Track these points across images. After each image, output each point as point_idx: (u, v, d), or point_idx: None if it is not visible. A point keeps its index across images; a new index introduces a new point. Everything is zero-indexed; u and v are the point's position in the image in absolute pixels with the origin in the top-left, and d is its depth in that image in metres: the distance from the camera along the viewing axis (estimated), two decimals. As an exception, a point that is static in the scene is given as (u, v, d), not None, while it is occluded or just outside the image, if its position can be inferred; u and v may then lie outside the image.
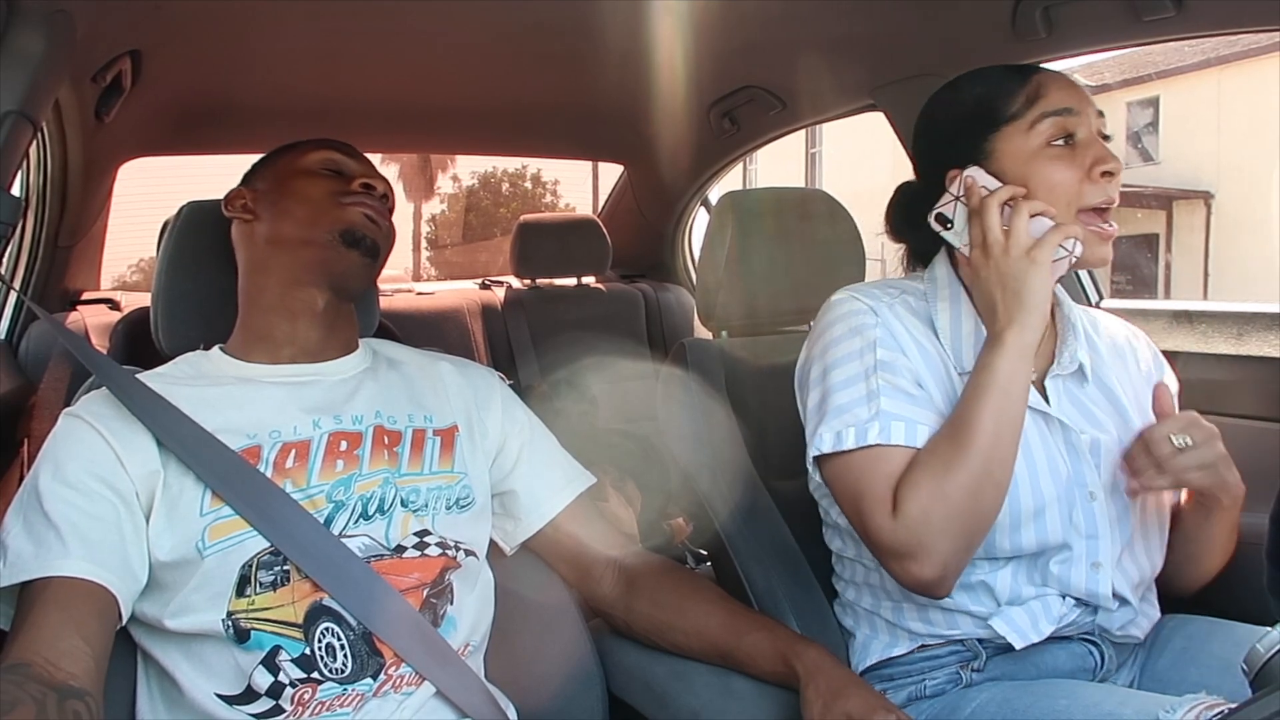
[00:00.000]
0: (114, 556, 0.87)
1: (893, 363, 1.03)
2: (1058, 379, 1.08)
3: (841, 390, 1.03)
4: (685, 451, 1.31)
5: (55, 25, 1.09)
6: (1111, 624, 1.08)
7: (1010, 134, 1.02)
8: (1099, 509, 1.05)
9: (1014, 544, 1.02)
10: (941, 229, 1.04)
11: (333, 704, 0.89)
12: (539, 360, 2.63)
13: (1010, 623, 1.03)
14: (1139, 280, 14.56)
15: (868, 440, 0.99)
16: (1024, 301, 0.95)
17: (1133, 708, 0.92)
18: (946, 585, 0.98)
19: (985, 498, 0.95)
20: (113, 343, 1.82)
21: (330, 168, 1.08)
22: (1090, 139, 1.01)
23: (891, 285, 1.12)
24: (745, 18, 1.57)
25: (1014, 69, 1.06)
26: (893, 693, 1.11)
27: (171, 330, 1.11)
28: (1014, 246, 0.96)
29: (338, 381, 1.04)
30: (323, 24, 1.56)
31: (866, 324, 1.05)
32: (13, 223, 1.05)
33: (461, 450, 1.06)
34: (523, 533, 1.11)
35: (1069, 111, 1.01)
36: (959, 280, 1.08)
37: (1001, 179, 1.01)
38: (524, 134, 2.53)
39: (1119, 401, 1.11)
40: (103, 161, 2.00)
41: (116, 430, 0.92)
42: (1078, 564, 1.04)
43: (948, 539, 0.94)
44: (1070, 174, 1.00)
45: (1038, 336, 0.97)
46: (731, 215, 1.42)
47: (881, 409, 0.99)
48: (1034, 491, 1.02)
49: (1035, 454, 1.03)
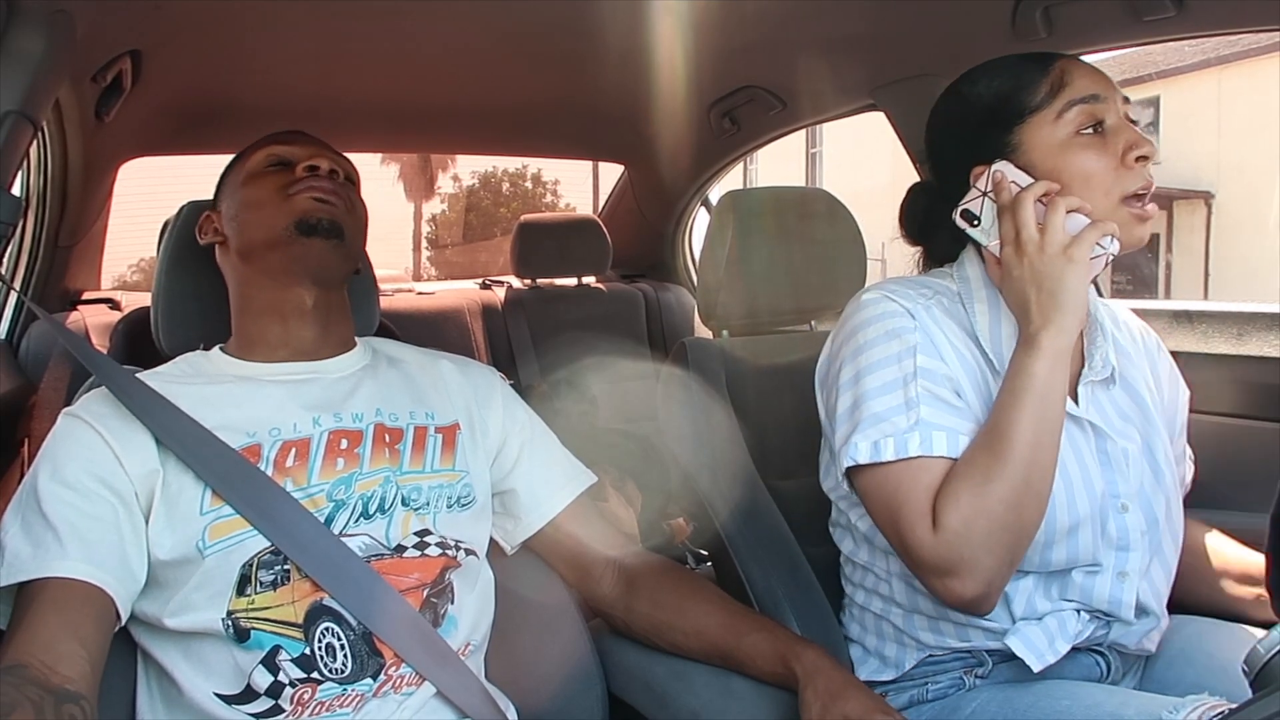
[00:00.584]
0: (112, 557, 0.87)
1: (933, 370, 0.98)
2: (1089, 384, 1.03)
3: (878, 397, 0.97)
4: (685, 451, 1.31)
5: (55, 25, 1.09)
6: (1129, 639, 1.05)
7: (1037, 125, 0.98)
8: (1131, 520, 1.01)
9: (1043, 560, 0.98)
10: (969, 226, 1.00)
11: (332, 704, 0.89)
12: (539, 360, 2.63)
13: (1027, 642, 0.99)
14: (1139, 280, 14.55)
15: (909, 452, 0.94)
16: (1060, 302, 0.91)
17: (1135, 708, 0.92)
18: (990, 602, 0.93)
19: (1027, 509, 0.90)
20: (113, 343, 1.82)
21: (274, 163, 1.05)
22: (1120, 124, 0.98)
23: (924, 285, 1.06)
24: (745, 18, 1.57)
25: (1032, 58, 1.02)
26: (894, 695, 1.10)
27: (171, 330, 1.11)
28: (1049, 244, 0.92)
29: (337, 379, 1.04)
30: (323, 24, 1.56)
31: (904, 327, 1.00)
32: (13, 223, 1.05)
33: (463, 448, 1.05)
34: (523, 532, 1.11)
35: (1096, 98, 0.97)
36: (991, 281, 1.04)
37: (1031, 173, 0.97)
38: (524, 134, 2.53)
39: (1144, 403, 1.07)
40: (103, 161, 2.00)
41: (115, 430, 0.92)
42: (1105, 574, 1.00)
43: (990, 554, 0.89)
44: (1105, 162, 0.96)
45: (1074, 339, 0.93)
46: (732, 215, 1.42)
47: (922, 418, 0.95)
48: (1070, 507, 0.97)
49: (1070, 468, 0.98)
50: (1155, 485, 1.04)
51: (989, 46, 1.47)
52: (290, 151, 1.06)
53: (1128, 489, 1.01)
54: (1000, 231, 0.97)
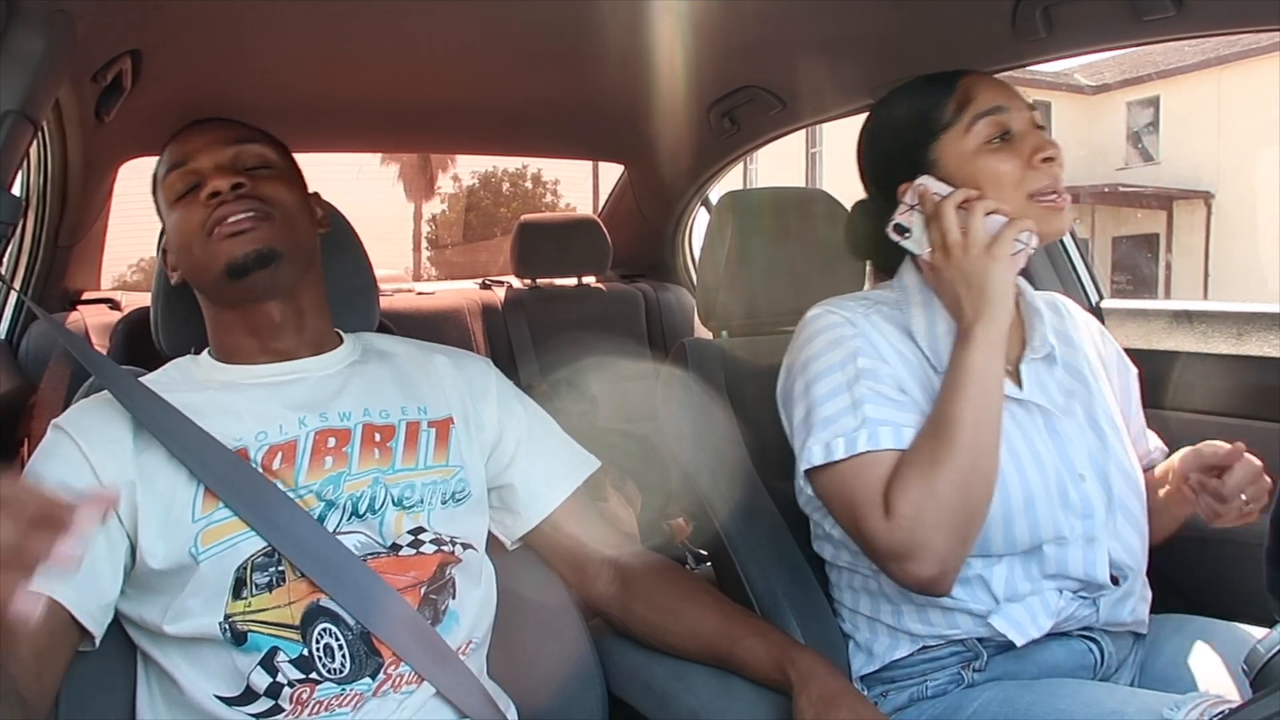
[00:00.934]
0: (77, 575, 0.87)
1: (874, 370, 1.05)
2: (1032, 363, 1.11)
3: (827, 402, 1.05)
4: (685, 451, 1.31)
5: (55, 25, 1.09)
6: (1118, 613, 1.08)
7: (949, 140, 1.07)
8: (1090, 488, 1.07)
9: (1007, 539, 1.03)
10: (900, 239, 1.08)
11: (331, 704, 0.89)
12: (539, 360, 2.62)
13: (1009, 619, 1.04)
14: (1139, 280, 14.57)
15: (857, 448, 1.01)
16: (988, 296, 0.99)
17: (1135, 706, 0.92)
18: (947, 582, 0.99)
19: (975, 490, 0.97)
20: (113, 343, 1.82)
21: (186, 185, 1.00)
22: (1026, 130, 1.06)
23: (864, 297, 1.16)
24: (745, 18, 1.57)
25: (939, 78, 1.11)
26: (895, 694, 1.11)
27: (171, 330, 1.11)
28: (973, 245, 1.00)
29: (322, 377, 1.03)
30: (323, 24, 1.56)
31: (845, 335, 1.08)
32: (13, 223, 1.05)
33: (458, 442, 1.05)
34: (522, 527, 1.10)
35: (1000, 109, 1.05)
36: (928, 286, 1.11)
37: (950, 183, 1.05)
38: (524, 134, 2.52)
39: (1085, 379, 1.14)
40: (103, 161, 2.00)
41: (95, 443, 0.92)
42: (1074, 543, 1.05)
43: (942, 535, 0.96)
44: (1013, 164, 1.04)
45: (1005, 328, 1.00)
46: (731, 215, 1.42)
47: (867, 416, 1.02)
48: (1022, 483, 1.03)
49: (1017, 445, 1.05)
50: (1104, 451, 1.10)
51: (989, 47, 1.48)
52: (195, 162, 1.01)
53: (1081, 459, 1.08)
54: (929, 239, 1.05)
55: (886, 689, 1.12)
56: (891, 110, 1.14)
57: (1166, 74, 13.68)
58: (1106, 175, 14.92)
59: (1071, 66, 14.90)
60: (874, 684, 1.14)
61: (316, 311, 1.06)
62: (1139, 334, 1.61)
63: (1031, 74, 12.96)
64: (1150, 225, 14.54)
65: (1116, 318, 1.66)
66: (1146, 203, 14.43)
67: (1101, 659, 1.09)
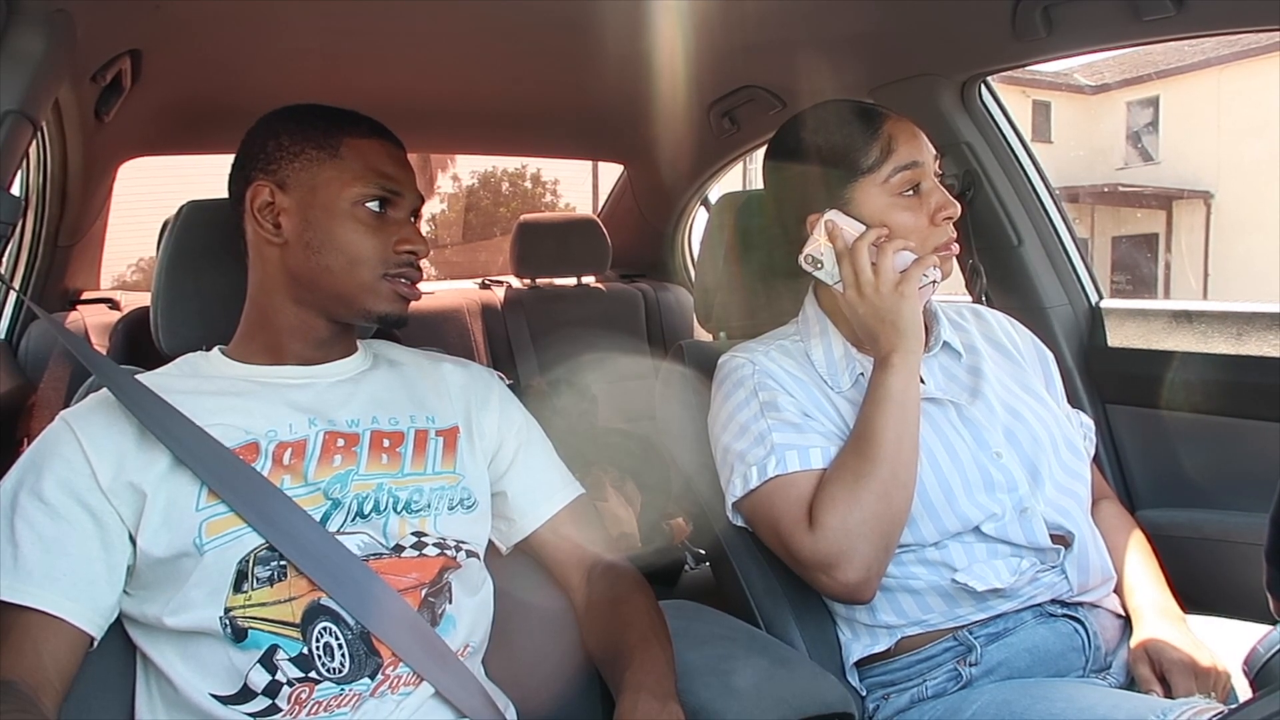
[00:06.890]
0: (72, 577, 0.87)
1: (775, 401, 1.14)
2: (931, 359, 1.19)
3: (739, 439, 1.14)
4: (685, 452, 1.31)
5: (55, 25, 1.09)
6: (1082, 575, 1.11)
7: (867, 184, 1.12)
8: (1009, 462, 1.12)
9: (939, 528, 1.09)
10: (813, 270, 1.14)
11: (330, 704, 0.89)
12: (539, 360, 2.62)
13: (973, 574, 1.09)
14: (1139, 280, 14.56)
15: (768, 474, 1.10)
16: (901, 329, 1.08)
17: (1127, 710, 0.93)
18: (870, 588, 1.06)
19: (895, 498, 1.05)
20: (113, 342, 1.82)
21: (379, 199, 1.00)
22: (931, 188, 1.13)
23: (769, 336, 1.26)
24: (745, 18, 1.57)
25: (862, 115, 1.15)
26: (896, 696, 1.11)
27: (171, 330, 1.11)
28: (884, 284, 1.08)
29: (333, 384, 1.04)
30: (322, 24, 1.56)
31: (746, 375, 1.17)
32: (13, 222, 1.05)
33: (462, 452, 1.05)
34: (516, 534, 1.11)
35: (916, 164, 1.12)
36: (824, 313, 1.21)
37: (861, 221, 1.12)
38: (524, 134, 2.53)
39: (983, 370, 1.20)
40: (103, 161, 2.00)
41: (99, 443, 0.92)
42: (1008, 517, 1.10)
43: (867, 542, 1.04)
44: (919, 220, 1.12)
45: (919, 353, 1.09)
46: (730, 216, 1.42)
47: (775, 444, 1.10)
48: (938, 480, 1.10)
49: (930, 443, 1.12)
50: (1018, 424, 1.16)
51: (989, 47, 1.48)
52: (397, 194, 1.02)
53: (996, 439, 1.14)
54: (840, 274, 1.12)
55: (888, 691, 1.12)
56: (816, 136, 1.17)
57: (1166, 74, 13.68)
58: (1106, 175, 14.91)
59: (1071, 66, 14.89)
60: (874, 688, 1.14)
61: (350, 329, 1.08)
62: (1139, 334, 1.61)
63: (1031, 74, 12.96)
64: (1150, 225, 14.53)
65: (1116, 317, 1.65)
66: (1146, 202, 14.42)
67: (1089, 639, 1.10)
